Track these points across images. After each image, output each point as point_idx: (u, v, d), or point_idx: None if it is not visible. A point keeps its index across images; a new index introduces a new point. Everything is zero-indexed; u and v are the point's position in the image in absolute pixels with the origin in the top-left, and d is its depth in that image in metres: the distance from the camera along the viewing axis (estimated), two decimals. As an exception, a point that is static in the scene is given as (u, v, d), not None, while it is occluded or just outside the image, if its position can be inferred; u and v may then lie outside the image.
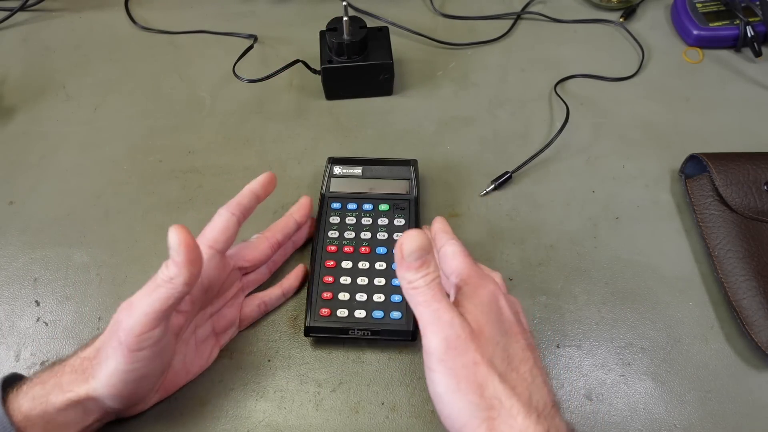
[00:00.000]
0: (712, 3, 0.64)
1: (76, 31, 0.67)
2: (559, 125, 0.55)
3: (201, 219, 0.51)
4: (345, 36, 0.54)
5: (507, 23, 0.67)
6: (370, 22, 0.60)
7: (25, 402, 0.34)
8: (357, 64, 0.56)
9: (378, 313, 0.43)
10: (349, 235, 0.47)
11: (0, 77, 0.62)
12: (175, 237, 0.33)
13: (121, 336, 0.33)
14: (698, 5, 0.64)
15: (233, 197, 0.41)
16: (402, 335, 0.43)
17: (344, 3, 0.53)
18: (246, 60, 0.61)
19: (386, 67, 0.56)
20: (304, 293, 0.47)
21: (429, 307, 0.33)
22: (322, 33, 0.58)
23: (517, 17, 0.67)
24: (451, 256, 0.37)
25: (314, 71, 0.58)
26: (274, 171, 0.54)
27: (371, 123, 0.58)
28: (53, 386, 0.34)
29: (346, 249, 0.46)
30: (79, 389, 0.34)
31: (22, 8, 0.68)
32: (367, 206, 0.48)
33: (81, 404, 0.35)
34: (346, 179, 0.50)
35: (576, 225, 0.51)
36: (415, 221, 0.47)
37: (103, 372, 0.34)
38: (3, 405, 0.33)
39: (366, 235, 0.47)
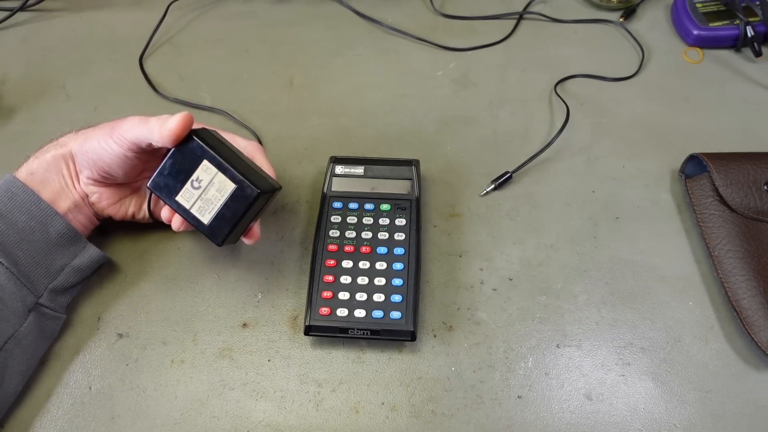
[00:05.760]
0: (712, 3, 0.64)
1: (76, 31, 0.67)
2: (559, 125, 0.55)
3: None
4: None
5: (507, 23, 0.67)
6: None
7: (23, 168, 0.43)
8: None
9: (378, 313, 0.43)
10: (350, 234, 0.47)
11: (0, 77, 0.62)
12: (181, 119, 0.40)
13: (115, 128, 0.41)
14: (698, 5, 0.64)
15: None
16: (402, 335, 0.43)
17: None
18: (246, 60, 0.61)
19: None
20: (304, 292, 0.47)
21: None
22: None
23: (519, 18, 0.67)
24: None
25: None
26: (275, 170, 0.54)
27: (371, 123, 0.58)
28: (45, 150, 0.44)
29: (347, 248, 0.46)
30: (63, 148, 0.43)
31: (22, 8, 0.68)
32: (369, 206, 0.48)
33: (63, 158, 0.43)
34: (348, 179, 0.50)
35: (576, 225, 0.51)
36: (416, 221, 0.47)
37: (86, 140, 0.43)
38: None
39: (367, 234, 0.47)
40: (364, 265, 0.45)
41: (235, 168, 0.40)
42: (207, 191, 0.41)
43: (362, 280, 0.44)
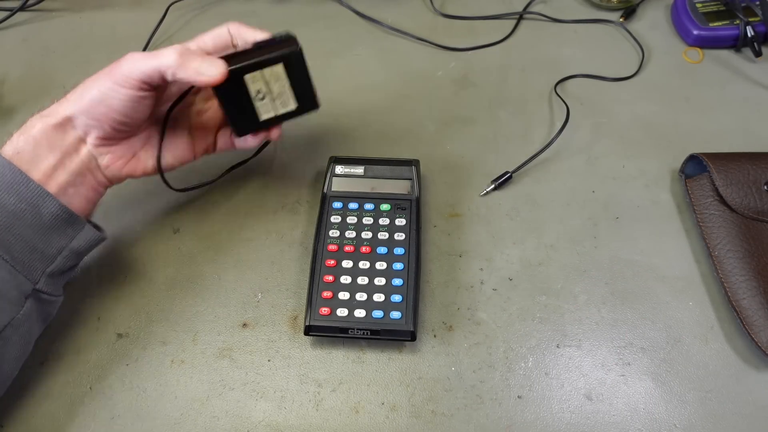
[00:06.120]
0: (712, 3, 0.64)
1: (76, 31, 0.67)
2: (559, 125, 0.55)
3: (201, 220, 0.51)
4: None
5: (507, 23, 0.67)
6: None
7: (8, 146, 0.40)
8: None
9: (378, 313, 0.43)
10: (350, 234, 0.47)
11: (0, 77, 0.62)
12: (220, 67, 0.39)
13: (114, 72, 0.39)
14: (698, 5, 0.64)
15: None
16: (402, 335, 0.43)
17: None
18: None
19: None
20: (304, 292, 0.47)
21: None
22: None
23: (519, 18, 0.67)
24: None
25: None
26: (275, 170, 0.55)
27: (371, 123, 0.58)
28: (30, 125, 0.40)
29: (347, 248, 0.46)
30: (53, 117, 0.40)
31: (22, 8, 0.68)
32: (369, 206, 0.48)
33: (56, 128, 0.40)
34: (348, 178, 0.50)
35: (576, 225, 0.51)
36: (417, 221, 0.47)
37: (82, 96, 0.40)
38: None
39: (367, 234, 0.47)
40: (364, 265, 0.45)
41: (262, 54, 0.41)
42: (272, 91, 0.42)
43: (362, 280, 0.44)
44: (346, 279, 0.45)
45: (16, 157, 0.39)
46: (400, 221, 0.47)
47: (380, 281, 0.44)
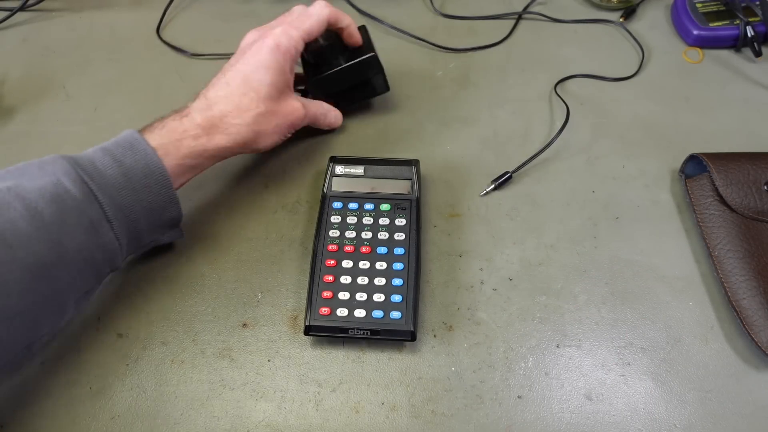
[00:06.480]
0: (712, 3, 0.64)
1: (76, 31, 0.67)
2: (559, 125, 0.55)
3: (201, 219, 0.51)
4: (321, 41, 0.52)
5: (507, 23, 0.67)
6: (369, 25, 0.60)
7: (172, 150, 0.43)
8: (342, 66, 0.53)
9: (378, 313, 0.43)
10: (350, 234, 0.47)
11: (0, 77, 0.62)
12: None
13: (292, 126, 0.50)
14: (698, 5, 0.64)
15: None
16: (402, 335, 0.43)
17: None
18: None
19: (371, 61, 0.54)
20: (304, 292, 0.47)
21: None
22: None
23: (518, 18, 0.67)
24: None
25: (302, 91, 0.56)
26: (275, 171, 0.55)
27: (371, 123, 0.58)
28: (202, 148, 0.44)
29: (347, 248, 0.46)
30: (224, 150, 0.46)
31: (22, 8, 0.68)
32: (369, 206, 0.48)
33: (218, 157, 0.47)
34: (348, 179, 0.50)
35: (576, 225, 0.51)
36: (416, 221, 0.47)
37: (260, 142, 0.48)
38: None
39: (367, 234, 0.47)
40: (364, 265, 0.45)
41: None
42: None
43: (362, 280, 0.44)
44: (346, 279, 0.45)
45: (176, 168, 0.43)
46: (400, 221, 0.47)
47: (380, 281, 0.44)
